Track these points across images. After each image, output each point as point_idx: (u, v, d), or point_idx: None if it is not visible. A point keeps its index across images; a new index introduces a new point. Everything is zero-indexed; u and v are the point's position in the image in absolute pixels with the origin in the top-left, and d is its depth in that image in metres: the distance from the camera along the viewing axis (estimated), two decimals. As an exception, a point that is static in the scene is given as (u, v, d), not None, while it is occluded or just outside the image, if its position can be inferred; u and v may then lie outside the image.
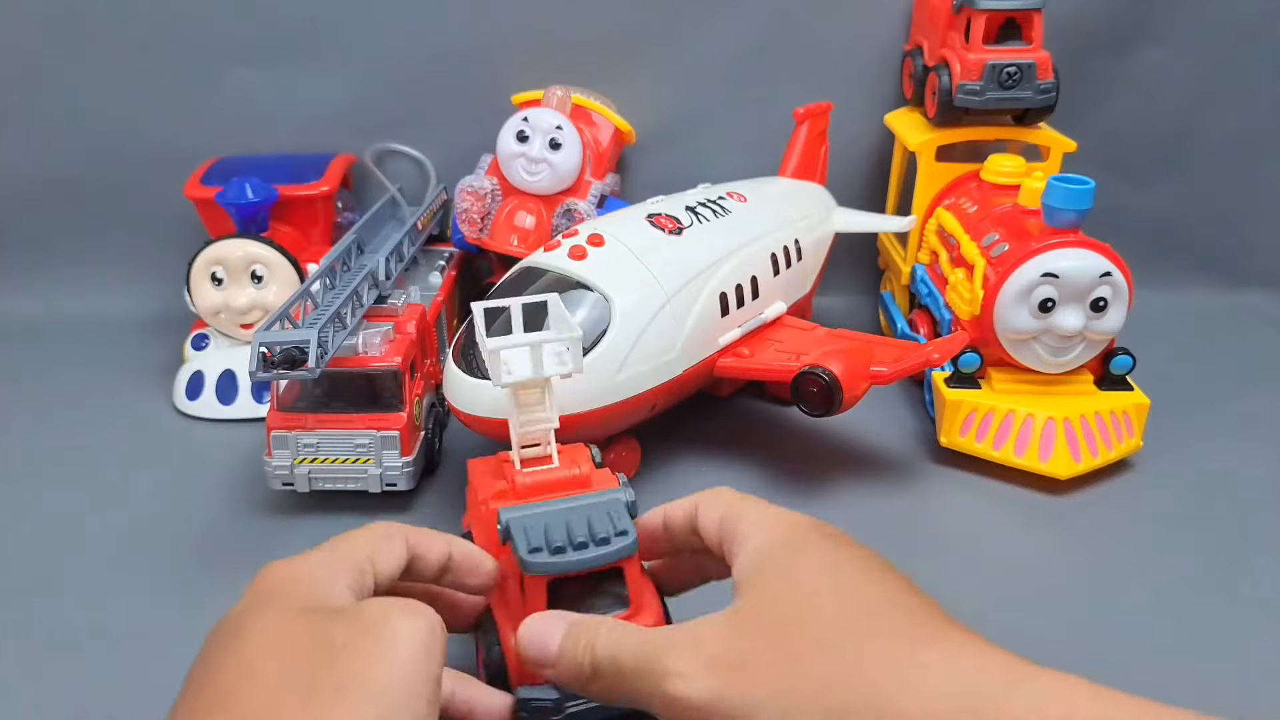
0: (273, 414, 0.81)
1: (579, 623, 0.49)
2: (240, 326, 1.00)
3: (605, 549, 0.52)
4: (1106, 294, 0.84)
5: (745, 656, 0.43)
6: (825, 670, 0.41)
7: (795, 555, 0.47)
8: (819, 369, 0.80)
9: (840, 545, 0.48)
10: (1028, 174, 0.96)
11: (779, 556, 0.47)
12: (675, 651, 0.44)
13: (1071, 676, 0.40)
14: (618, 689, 0.47)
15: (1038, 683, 0.39)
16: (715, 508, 0.53)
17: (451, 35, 1.13)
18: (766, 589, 0.46)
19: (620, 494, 0.56)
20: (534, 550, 0.51)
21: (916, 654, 0.41)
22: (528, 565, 0.51)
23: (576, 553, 0.52)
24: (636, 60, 1.15)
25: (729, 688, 0.42)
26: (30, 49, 1.13)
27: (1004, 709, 0.38)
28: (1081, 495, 0.85)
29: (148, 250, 1.18)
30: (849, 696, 0.40)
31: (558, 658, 0.49)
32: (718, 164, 1.13)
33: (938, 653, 0.41)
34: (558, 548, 0.51)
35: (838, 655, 0.41)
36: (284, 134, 1.16)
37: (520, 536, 0.52)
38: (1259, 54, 1.17)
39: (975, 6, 0.99)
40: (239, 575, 0.75)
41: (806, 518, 0.51)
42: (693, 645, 0.44)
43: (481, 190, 1.04)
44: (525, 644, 0.50)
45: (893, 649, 0.41)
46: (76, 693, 0.65)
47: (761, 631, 0.43)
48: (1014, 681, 0.40)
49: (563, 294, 0.80)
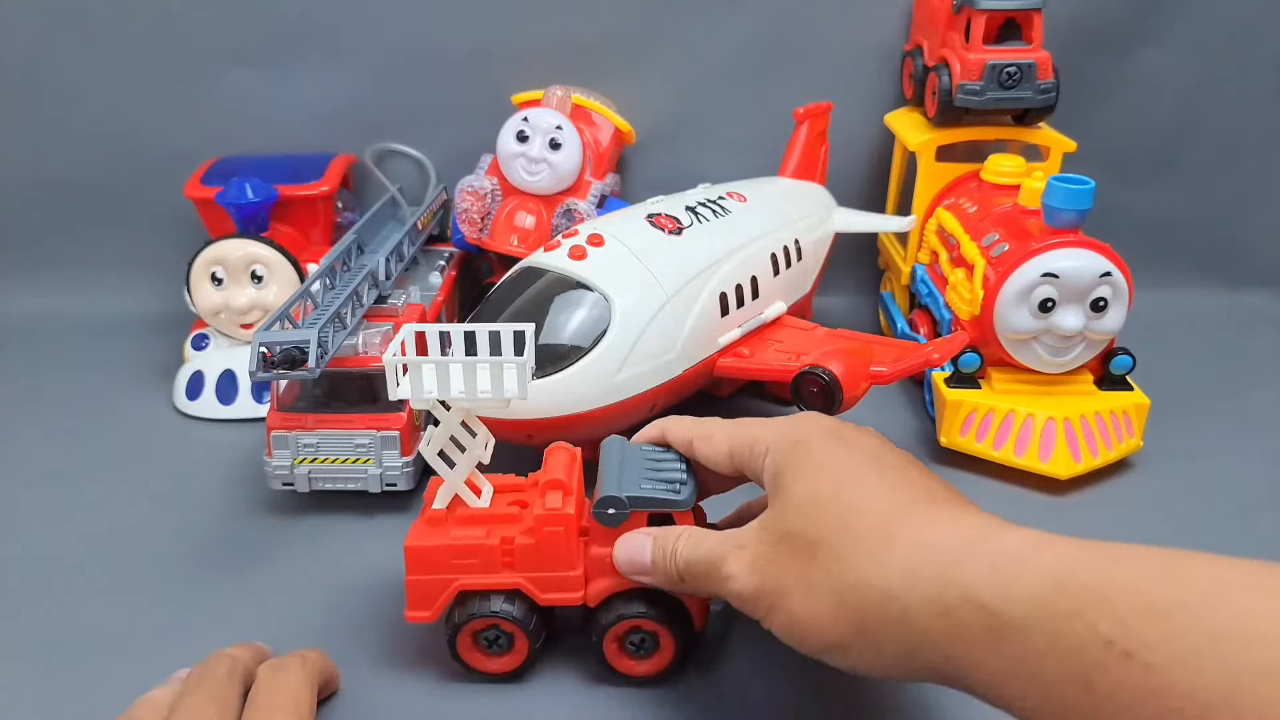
0: (273, 414, 0.81)
1: (662, 536, 0.60)
2: (240, 326, 1.00)
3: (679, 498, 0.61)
4: (1106, 294, 0.84)
5: (774, 557, 0.53)
6: (827, 559, 0.51)
7: (800, 463, 0.56)
8: (819, 369, 0.80)
9: (840, 443, 0.57)
10: (1028, 174, 0.96)
11: (786, 468, 0.56)
12: (728, 558, 0.55)
13: (1040, 532, 0.47)
14: (701, 590, 0.58)
15: (1003, 538, 0.47)
16: (714, 442, 0.62)
17: (451, 35, 1.13)
18: (783, 497, 0.55)
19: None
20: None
21: (901, 529, 0.50)
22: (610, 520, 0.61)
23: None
24: (636, 60, 1.15)
25: (766, 582, 0.53)
26: (30, 49, 1.13)
27: (968, 562, 0.46)
28: (1081, 495, 0.85)
29: (148, 250, 1.18)
30: (850, 578, 0.50)
31: (651, 568, 0.60)
32: (718, 164, 1.13)
33: (914, 526, 0.50)
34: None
35: (835, 546, 0.51)
36: (284, 134, 1.16)
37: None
38: (1259, 54, 1.17)
39: (975, 6, 0.99)
40: (239, 575, 0.76)
41: (810, 419, 0.60)
42: (738, 552, 0.55)
43: (481, 190, 1.04)
44: (623, 559, 0.61)
45: (878, 530, 0.50)
46: (76, 693, 0.65)
47: (783, 535, 0.53)
48: (979, 539, 0.47)
49: (562, 294, 0.81)
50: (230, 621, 0.71)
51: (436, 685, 0.65)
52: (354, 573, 0.76)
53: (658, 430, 0.67)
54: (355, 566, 0.76)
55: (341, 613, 0.72)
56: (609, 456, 0.65)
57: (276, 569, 0.76)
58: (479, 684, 0.65)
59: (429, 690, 0.65)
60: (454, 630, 0.63)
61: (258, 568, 0.77)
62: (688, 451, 0.64)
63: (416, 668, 0.67)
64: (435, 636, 0.69)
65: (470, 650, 0.64)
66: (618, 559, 0.61)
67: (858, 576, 0.49)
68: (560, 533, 0.61)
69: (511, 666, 0.64)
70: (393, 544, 0.78)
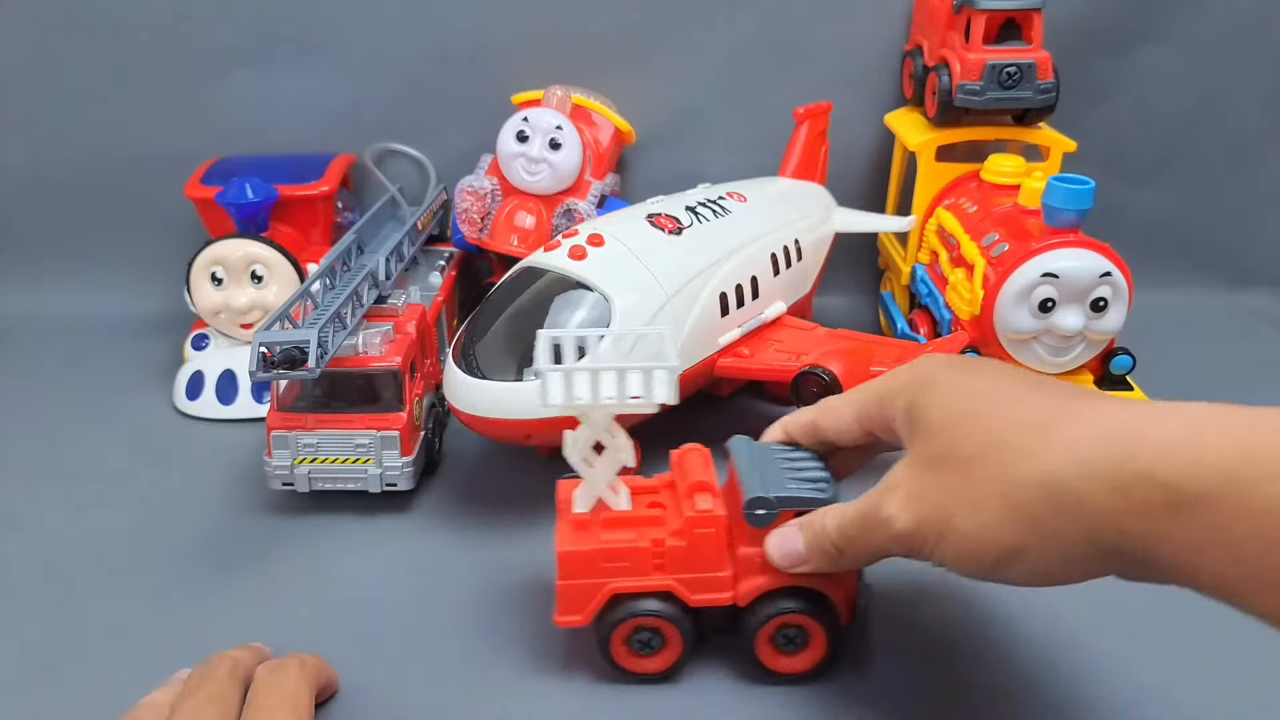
0: (273, 414, 0.81)
1: (807, 521, 0.60)
2: (240, 326, 1.00)
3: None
4: (1106, 294, 0.84)
5: (929, 484, 0.53)
6: (985, 469, 0.50)
7: (935, 394, 0.56)
8: (819, 369, 0.80)
9: (968, 368, 0.58)
10: (1028, 174, 0.96)
11: (920, 404, 0.56)
12: (881, 503, 0.55)
13: (1203, 405, 0.46)
14: (861, 552, 0.58)
15: (1167, 418, 0.46)
16: (838, 413, 0.63)
17: (451, 35, 1.13)
18: (924, 428, 0.55)
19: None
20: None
21: (1057, 423, 0.49)
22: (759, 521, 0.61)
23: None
24: (636, 60, 1.15)
25: (927, 509, 0.53)
26: (30, 49, 1.13)
27: (1139, 442, 0.45)
28: (1081, 495, 0.85)
29: (148, 250, 1.18)
30: (1014, 476, 0.49)
31: (806, 555, 0.60)
32: (718, 164, 1.13)
33: (1070, 419, 0.49)
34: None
35: (990, 455, 0.50)
36: (284, 134, 1.16)
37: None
38: (1259, 54, 1.17)
39: (975, 6, 0.99)
40: (239, 575, 0.76)
41: (929, 359, 0.61)
42: (890, 494, 0.55)
43: (481, 190, 1.04)
44: (777, 554, 0.61)
45: (1033, 429, 0.50)
46: (76, 693, 0.65)
47: (933, 461, 0.53)
48: (1142, 419, 0.46)
49: (562, 294, 0.80)
50: (230, 621, 0.71)
51: (437, 686, 0.65)
52: (354, 573, 0.76)
53: (779, 430, 0.67)
54: (355, 566, 0.77)
55: (342, 613, 0.72)
56: (740, 457, 0.65)
57: (277, 569, 0.76)
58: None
59: (429, 691, 0.65)
60: (607, 632, 0.63)
61: (258, 568, 0.77)
62: (811, 434, 0.65)
63: (417, 667, 0.67)
64: (437, 636, 0.69)
65: (623, 653, 0.64)
66: (772, 555, 0.61)
67: (1020, 474, 0.48)
68: (711, 534, 0.62)
69: (664, 666, 0.64)
70: (393, 544, 0.79)
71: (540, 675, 0.66)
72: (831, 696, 0.64)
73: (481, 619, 0.71)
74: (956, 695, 0.64)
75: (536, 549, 0.75)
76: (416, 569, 0.76)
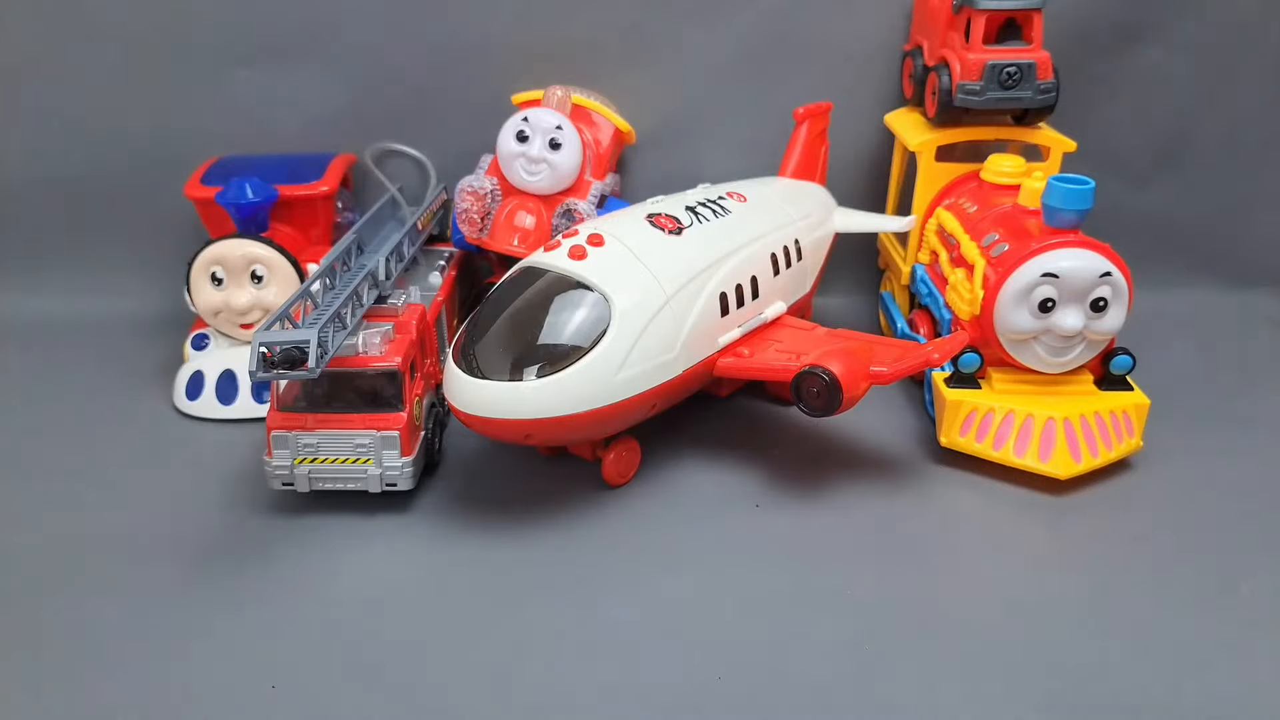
0: (273, 414, 0.81)
1: None
2: (240, 326, 1.00)
3: None
4: (1106, 294, 0.84)
5: None
6: None
7: None
8: (819, 369, 0.80)
9: None
10: (1028, 174, 0.96)
11: None
12: None
13: None
14: None
15: None
16: None
17: (451, 35, 1.13)
18: None
19: None
20: None
21: None
22: None
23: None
24: (636, 60, 1.15)
25: None
26: (30, 48, 1.13)
27: None
28: (1081, 495, 0.85)
29: (148, 250, 1.18)
30: None
31: None
32: (718, 164, 1.13)
33: None
34: None
35: None
36: (284, 134, 1.15)
37: None
38: (1259, 54, 1.17)
39: (975, 6, 0.99)
40: (239, 575, 0.76)
41: None
42: None
43: (481, 190, 1.04)
44: None
45: None
46: (76, 693, 0.65)
47: None
48: None
49: (562, 294, 0.81)
50: (230, 621, 0.71)
51: (437, 686, 0.65)
52: (354, 573, 0.76)
53: None
54: (355, 566, 0.77)
55: (341, 613, 0.72)
56: None
57: (276, 569, 0.76)
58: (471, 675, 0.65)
59: (429, 690, 0.65)
60: None
61: (257, 568, 0.77)
62: None
63: (415, 667, 0.67)
64: (433, 636, 0.69)
65: None
66: None
67: None
68: None
69: None
70: (393, 544, 0.79)
71: (540, 674, 0.66)
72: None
73: (482, 619, 0.71)
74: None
75: (536, 548, 0.75)
76: (416, 569, 0.76)
